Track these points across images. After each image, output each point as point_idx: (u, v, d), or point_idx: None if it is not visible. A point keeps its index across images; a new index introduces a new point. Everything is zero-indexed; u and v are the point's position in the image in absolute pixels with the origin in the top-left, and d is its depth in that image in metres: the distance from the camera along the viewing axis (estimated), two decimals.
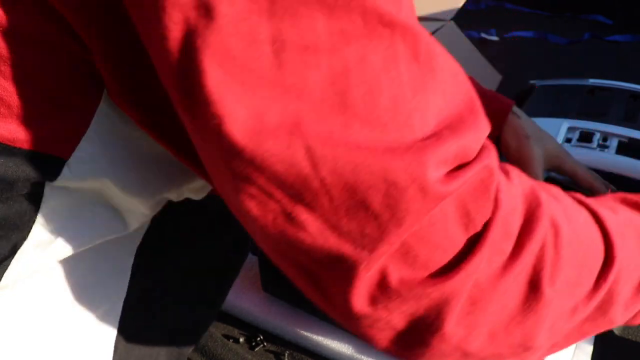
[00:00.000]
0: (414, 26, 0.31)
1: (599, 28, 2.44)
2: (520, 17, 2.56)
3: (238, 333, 0.73)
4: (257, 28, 0.28)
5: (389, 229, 0.31)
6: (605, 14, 2.51)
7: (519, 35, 2.40)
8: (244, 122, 0.29)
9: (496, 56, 1.94)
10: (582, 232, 0.37)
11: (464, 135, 0.32)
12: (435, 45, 0.33)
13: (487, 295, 0.34)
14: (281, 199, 0.31)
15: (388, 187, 0.30)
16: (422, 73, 0.32)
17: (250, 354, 0.71)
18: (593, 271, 0.38)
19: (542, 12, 2.61)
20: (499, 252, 0.34)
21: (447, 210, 0.32)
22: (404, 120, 0.30)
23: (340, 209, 0.31)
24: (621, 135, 0.91)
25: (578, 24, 2.47)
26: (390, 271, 0.32)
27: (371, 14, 0.29)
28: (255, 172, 0.30)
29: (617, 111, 0.98)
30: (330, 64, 0.29)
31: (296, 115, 0.29)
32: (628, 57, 2.19)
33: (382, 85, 0.30)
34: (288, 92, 0.29)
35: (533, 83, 1.09)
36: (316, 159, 0.29)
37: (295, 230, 0.32)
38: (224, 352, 0.69)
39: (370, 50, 0.29)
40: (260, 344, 0.72)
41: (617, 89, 1.04)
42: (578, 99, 1.03)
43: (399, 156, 0.30)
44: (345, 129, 0.29)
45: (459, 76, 0.34)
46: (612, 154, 0.88)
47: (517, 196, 0.35)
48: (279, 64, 0.28)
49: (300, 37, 0.28)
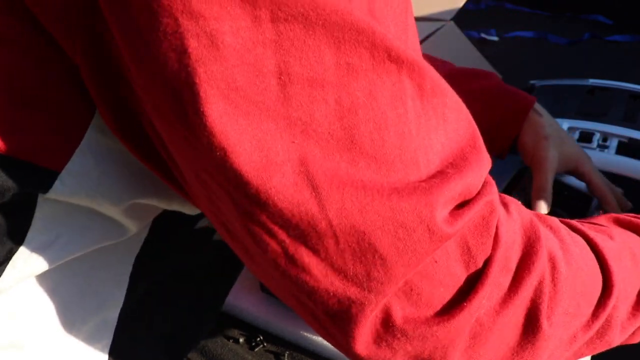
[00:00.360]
0: (420, 61, 0.31)
1: (599, 28, 2.44)
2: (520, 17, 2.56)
3: (238, 333, 0.73)
4: (263, 59, 0.27)
5: (396, 270, 0.30)
6: (605, 14, 2.51)
7: (519, 35, 2.40)
8: (250, 156, 0.28)
9: (496, 56, 1.94)
10: (580, 263, 0.37)
11: (467, 174, 0.32)
12: (439, 80, 0.32)
13: (487, 329, 0.34)
14: (284, 240, 0.30)
15: (396, 229, 0.29)
16: (426, 110, 0.31)
17: (250, 354, 0.71)
18: (592, 301, 0.38)
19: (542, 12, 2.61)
20: (498, 286, 0.34)
21: (449, 247, 0.32)
22: (410, 158, 0.30)
23: (347, 251, 0.30)
24: (621, 135, 0.91)
25: (578, 24, 2.47)
26: (394, 310, 0.32)
27: (379, 49, 0.29)
28: (259, 209, 0.29)
29: (617, 111, 0.98)
30: (337, 98, 0.28)
31: (302, 151, 0.28)
32: (628, 57, 2.19)
33: (389, 122, 0.29)
34: (294, 125, 0.28)
35: (533, 83, 1.09)
36: (324, 200, 0.29)
37: (298, 272, 0.31)
38: (224, 352, 0.69)
39: (378, 85, 0.29)
40: (260, 344, 0.72)
41: (617, 89, 1.04)
42: (578, 99, 1.03)
43: (406, 197, 0.29)
44: (351, 166, 0.29)
45: (462, 110, 0.34)
46: (612, 154, 0.88)
47: (516, 230, 0.35)
48: (285, 96, 0.28)
49: (307, 70, 0.28)
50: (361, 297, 0.31)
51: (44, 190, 0.37)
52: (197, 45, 0.27)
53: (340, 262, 0.30)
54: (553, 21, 2.51)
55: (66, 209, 0.39)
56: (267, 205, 0.29)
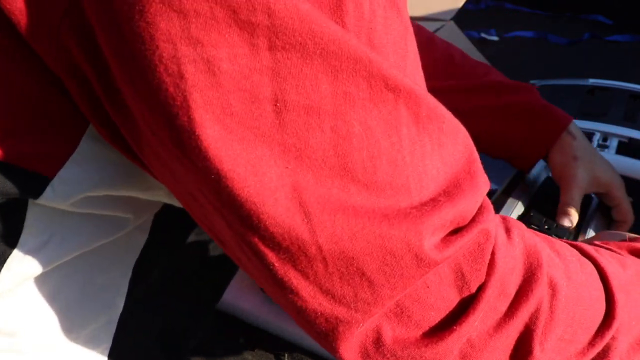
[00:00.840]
0: (417, 89, 0.31)
1: (599, 28, 2.44)
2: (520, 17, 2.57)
3: (238, 333, 0.73)
4: (259, 86, 0.27)
5: (383, 293, 0.31)
6: (605, 14, 2.51)
7: (519, 35, 2.40)
8: (244, 180, 0.28)
9: (496, 56, 1.95)
10: (583, 291, 0.37)
11: (460, 201, 0.32)
12: (436, 106, 0.32)
13: (478, 350, 0.34)
14: (274, 263, 0.30)
15: (384, 255, 0.30)
16: (421, 136, 0.31)
17: (250, 354, 0.71)
18: (590, 329, 0.37)
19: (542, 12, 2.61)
20: (494, 311, 0.34)
21: (442, 272, 0.32)
22: (402, 185, 0.30)
23: (335, 275, 0.30)
24: (621, 135, 0.91)
25: (578, 24, 2.47)
26: (384, 330, 0.32)
27: (376, 78, 0.29)
28: (250, 232, 0.29)
29: (617, 111, 0.98)
30: (333, 126, 0.28)
31: (296, 177, 0.28)
32: (628, 57, 2.20)
33: (382, 150, 0.30)
34: (288, 152, 0.28)
35: (533, 83, 1.09)
36: (314, 225, 0.29)
37: (286, 292, 0.32)
38: (224, 352, 0.69)
39: (374, 114, 0.29)
40: (261, 344, 0.72)
41: (617, 89, 1.04)
42: (578, 99, 1.03)
43: (396, 224, 0.30)
44: (343, 193, 0.29)
45: (459, 135, 0.34)
46: (612, 154, 0.88)
47: (516, 256, 0.35)
48: (280, 123, 0.28)
49: (303, 98, 0.28)
50: (348, 316, 0.32)
51: (34, 196, 0.37)
52: (194, 71, 0.27)
53: (329, 284, 0.31)
54: (553, 21, 2.52)
55: (58, 211, 0.39)
56: (258, 228, 0.29)
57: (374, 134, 0.29)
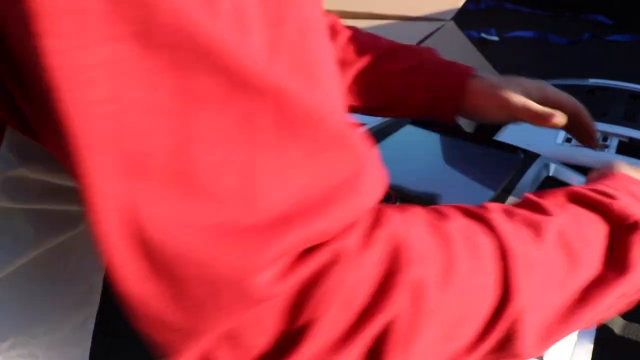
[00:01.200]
0: (287, 88, 0.27)
1: (599, 28, 2.45)
2: (520, 17, 2.57)
3: None
4: (94, 82, 0.24)
5: (210, 321, 0.29)
6: (605, 14, 2.52)
7: (519, 35, 2.41)
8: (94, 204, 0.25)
9: (496, 56, 1.95)
10: (466, 282, 0.34)
11: (325, 218, 0.29)
12: (314, 109, 0.28)
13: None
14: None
15: (209, 284, 0.28)
16: (284, 144, 0.27)
17: None
18: (477, 321, 0.34)
19: (542, 12, 2.62)
20: (332, 331, 0.31)
21: (276, 302, 0.29)
22: (248, 197, 0.27)
23: (167, 293, 0.28)
24: (621, 135, 0.91)
25: (578, 24, 2.48)
26: (218, 354, 0.30)
27: (233, 75, 0.25)
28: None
29: (617, 111, 0.99)
30: (170, 129, 0.25)
31: (131, 189, 0.25)
32: (628, 57, 2.20)
33: (230, 157, 0.26)
34: (124, 158, 0.25)
35: None
36: (147, 242, 0.26)
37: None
38: None
39: (223, 117, 0.26)
40: None
41: (617, 89, 1.05)
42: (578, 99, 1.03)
43: (231, 246, 0.27)
44: (181, 205, 0.26)
45: (343, 142, 0.29)
46: (612, 153, 0.88)
47: (369, 266, 0.31)
48: (115, 127, 0.24)
49: (140, 97, 0.24)
50: (178, 338, 0.29)
51: None
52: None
53: (162, 306, 0.29)
54: (553, 21, 2.52)
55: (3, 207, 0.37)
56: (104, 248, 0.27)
57: (221, 139, 0.26)
